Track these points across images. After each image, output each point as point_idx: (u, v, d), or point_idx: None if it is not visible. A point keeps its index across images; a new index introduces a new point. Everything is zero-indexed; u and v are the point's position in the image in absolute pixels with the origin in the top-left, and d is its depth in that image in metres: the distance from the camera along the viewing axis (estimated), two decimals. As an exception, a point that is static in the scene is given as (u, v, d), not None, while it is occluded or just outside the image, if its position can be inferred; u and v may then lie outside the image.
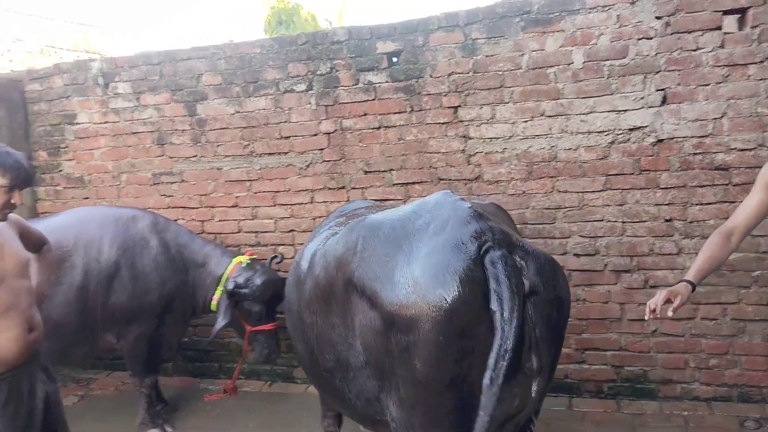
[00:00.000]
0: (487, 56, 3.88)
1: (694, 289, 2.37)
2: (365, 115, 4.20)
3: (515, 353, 1.81)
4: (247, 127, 4.47)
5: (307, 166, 4.40)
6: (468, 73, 3.93)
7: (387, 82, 4.11)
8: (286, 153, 4.43)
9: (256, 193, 4.55)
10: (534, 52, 3.80)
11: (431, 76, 4.01)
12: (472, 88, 3.94)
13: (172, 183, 4.73)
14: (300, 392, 4.54)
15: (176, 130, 4.65)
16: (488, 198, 3.93)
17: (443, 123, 4.04)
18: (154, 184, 4.78)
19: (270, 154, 4.46)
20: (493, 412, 1.81)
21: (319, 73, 4.25)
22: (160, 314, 3.99)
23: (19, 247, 2.54)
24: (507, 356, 1.80)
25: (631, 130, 3.72)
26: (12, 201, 2.43)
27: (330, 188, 4.37)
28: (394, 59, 4.10)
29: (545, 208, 3.94)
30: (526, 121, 3.87)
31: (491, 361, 1.82)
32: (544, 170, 3.90)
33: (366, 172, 4.27)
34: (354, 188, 4.30)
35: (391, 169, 4.21)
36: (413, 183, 4.18)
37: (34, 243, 2.86)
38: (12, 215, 2.70)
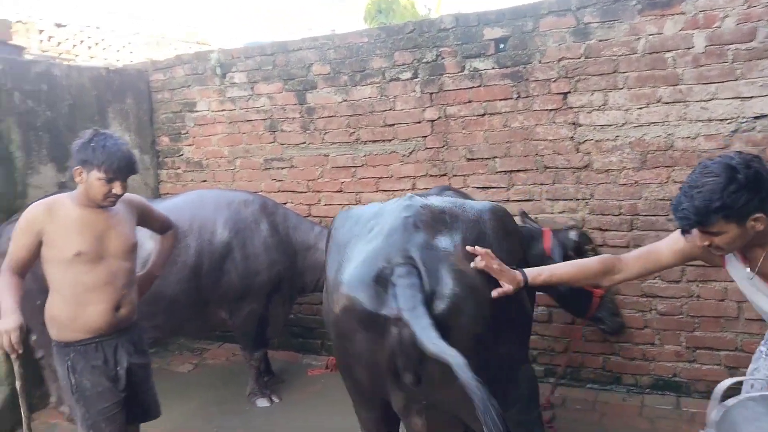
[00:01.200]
0: (600, 41, 3.77)
1: (526, 285, 2.19)
2: (470, 102, 4.20)
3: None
4: (353, 115, 4.60)
5: (410, 153, 4.47)
6: (579, 58, 3.83)
7: (493, 68, 4.09)
8: (390, 140, 4.52)
9: (360, 179, 4.68)
10: (651, 36, 3.64)
11: (540, 62, 3.94)
12: (583, 73, 3.84)
13: (282, 168, 4.96)
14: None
15: (287, 117, 4.86)
16: (590, 187, 3.87)
17: (551, 110, 3.97)
18: (266, 169, 5.03)
19: (374, 141, 4.57)
20: None
21: (424, 60, 4.29)
22: (269, 293, 4.21)
23: (128, 231, 2.71)
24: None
25: (756, 118, 3.48)
26: (113, 191, 2.55)
27: (432, 175, 4.41)
28: (501, 45, 4.06)
29: (659, 199, 3.78)
30: (640, 108, 3.72)
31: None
32: (659, 159, 3.74)
33: (469, 159, 4.28)
34: (456, 175, 4.32)
35: (495, 157, 4.19)
36: (518, 171, 4.14)
37: (160, 226, 3.08)
38: (137, 198, 2.93)
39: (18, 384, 2.59)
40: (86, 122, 4.77)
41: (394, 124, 4.48)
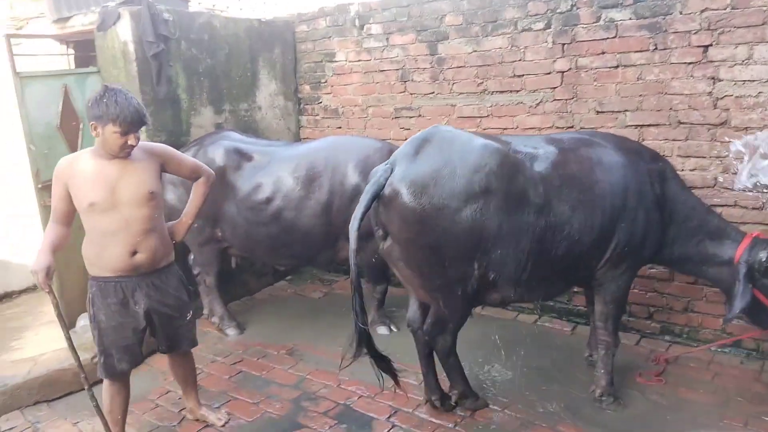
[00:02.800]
0: (750, -11, 3.57)
1: None
2: (603, 53, 4.16)
3: None
4: (482, 65, 4.72)
5: (537, 104, 4.52)
6: (725, 9, 3.66)
7: (630, 19, 4.00)
8: (518, 91, 4.59)
9: (485, 129, 4.82)
10: (811, -16, 3.39)
11: (681, 13, 3.80)
12: (727, 25, 3.66)
13: (410, 117, 5.22)
14: (509, 318, 4.85)
15: (418, 68, 5.08)
16: (726, 145, 3.72)
17: (690, 63, 3.84)
18: (395, 117, 5.32)
19: (501, 92, 4.67)
20: None
21: (558, 11, 4.28)
22: None
23: (144, 180, 2.84)
24: None
25: None
26: (129, 143, 2.71)
27: (558, 127, 4.45)
28: (641, -5, 3.96)
29: (802, 159, 3.58)
30: (790, 62, 3.51)
31: None
32: (806, 118, 3.53)
33: (598, 113, 4.27)
34: (583, 128, 4.32)
35: (626, 110, 4.15)
36: (649, 125, 4.07)
37: (189, 172, 3.16)
38: (159, 147, 3.05)
39: (55, 312, 2.89)
40: (240, 69, 5.32)
41: (522, 75, 4.54)
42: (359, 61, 5.45)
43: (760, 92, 3.64)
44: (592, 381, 3.64)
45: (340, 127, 5.73)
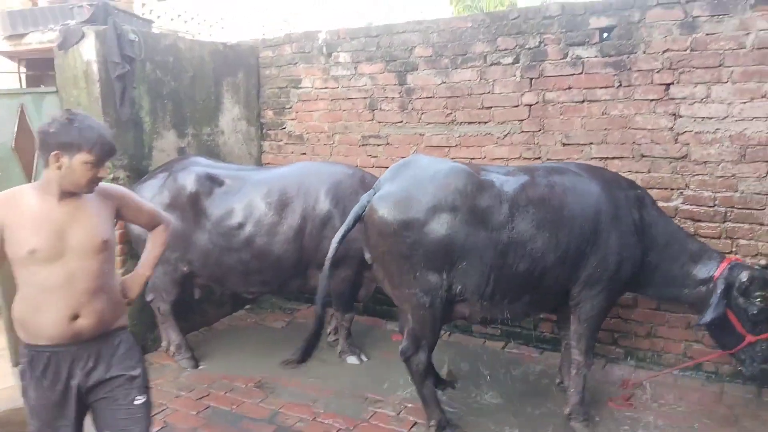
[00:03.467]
0: (707, 34, 3.82)
1: None
2: (569, 88, 4.34)
3: None
4: (451, 96, 4.82)
5: (505, 135, 4.65)
6: (685, 50, 3.91)
7: (596, 56, 4.20)
8: (486, 122, 4.71)
9: (453, 158, 4.89)
10: (761, 32, 3.67)
11: (644, 53, 4.03)
12: (687, 66, 3.91)
13: (378, 145, 5.25)
14: (477, 345, 4.89)
15: (386, 97, 5.13)
16: (686, 177, 3.93)
17: (652, 100, 4.06)
18: (363, 145, 5.33)
19: (470, 123, 4.77)
20: None
21: (527, 46, 4.44)
22: (361, 260, 4.53)
23: (97, 226, 2.35)
24: None
25: None
26: (99, 175, 2.30)
27: (525, 158, 4.59)
28: (606, 35, 4.17)
29: (756, 192, 3.83)
30: (744, 103, 3.77)
31: None
32: (759, 154, 3.78)
33: (564, 144, 4.43)
34: (550, 159, 4.48)
35: (591, 143, 4.32)
36: (613, 158, 4.26)
37: (147, 220, 2.72)
38: (115, 189, 2.58)
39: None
40: (203, 93, 5.21)
41: (491, 107, 4.67)
42: (326, 88, 5.45)
43: (717, 128, 3.88)
44: (562, 405, 3.72)
45: (304, 153, 5.68)
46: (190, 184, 4.26)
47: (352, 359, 4.66)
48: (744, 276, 3.36)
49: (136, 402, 2.43)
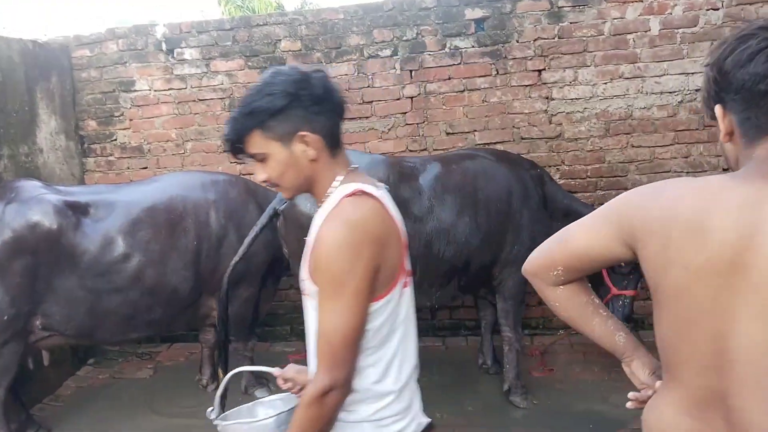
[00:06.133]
0: (571, 23, 4.25)
1: None
2: (450, 78, 4.44)
3: None
4: (327, 92, 4.55)
5: (389, 129, 4.58)
6: (553, 38, 4.28)
7: (473, 47, 4.37)
8: (368, 117, 4.58)
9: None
10: (615, 20, 4.21)
11: (518, 41, 4.32)
12: (556, 52, 4.30)
13: (244, 150, 4.72)
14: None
15: (250, 96, 4.63)
16: (561, 155, 4.37)
17: (528, 85, 4.37)
18: (224, 151, 4.72)
19: (351, 119, 4.57)
20: None
21: (405, 38, 4.42)
22: (263, 276, 4.06)
23: None
24: None
25: (697, 90, 4.23)
26: None
27: (411, 150, 4.57)
28: (481, 25, 4.36)
29: (620, 162, 4.40)
30: (605, 83, 4.29)
31: None
32: (620, 128, 4.35)
33: (448, 134, 4.53)
34: (436, 149, 4.53)
35: (474, 130, 4.49)
36: (496, 143, 4.48)
37: None
38: None
39: None
40: (16, 103, 4.10)
41: (372, 101, 4.54)
42: (170, 89, 4.71)
43: (585, 108, 4.35)
44: (490, 385, 3.87)
45: (146, 168, 4.85)
46: (49, 218, 3.29)
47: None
48: None
49: None
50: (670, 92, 4.26)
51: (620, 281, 3.79)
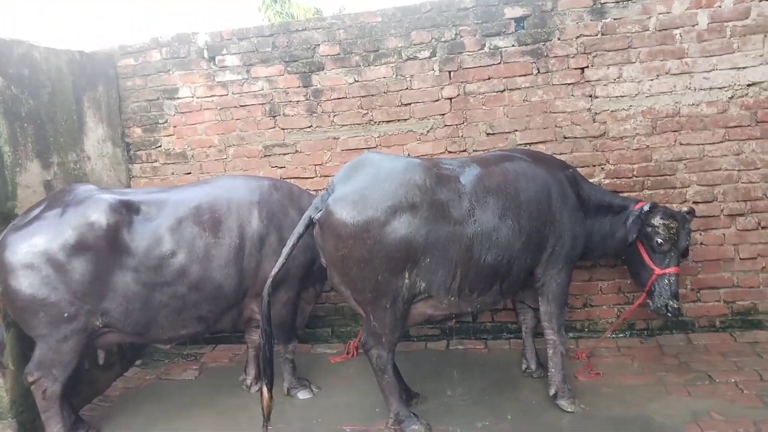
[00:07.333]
0: (615, 19, 4.15)
1: None
2: (489, 78, 4.39)
3: None
4: (366, 95, 4.56)
5: (428, 131, 4.55)
6: (596, 35, 4.19)
7: (513, 46, 4.31)
8: (406, 119, 4.56)
9: (370, 160, 4.65)
10: (661, 15, 4.09)
11: (559, 39, 4.23)
12: (600, 49, 4.20)
13: (284, 154, 4.77)
14: (420, 349, 4.72)
15: (290, 101, 4.68)
16: (606, 154, 4.27)
17: (570, 84, 4.28)
18: (265, 156, 4.80)
19: (389, 121, 4.58)
20: None
21: (443, 39, 4.39)
22: (301, 279, 4.08)
23: None
24: None
25: (749, 85, 4.08)
26: None
27: (451, 152, 4.54)
28: (521, 24, 4.29)
29: (668, 160, 4.26)
30: (651, 80, 4.17)
31: None
32: (667, 125, 4.22)
33: (488, 134, 4.47)
34: (476, 150, 4.49)
35: (515, 130, 4.42)
36: (538, 142, 4.41)
37: None
38: None
39: None
40: (65, 112, 4.24)
41: (410, 103, 4.52)
42: (212, 96, 4.79)
43: (630, 106, 4.24)
44: (534, 390, 3.78)
45: (189, 173, 4.94)
46: (104, 216, 3.40)
47: (304, 394, 4.15)
48: (647, 206, 3.69)
49: None
50: (719, 88, 4.11)
51: (661, 260, 3.74)
